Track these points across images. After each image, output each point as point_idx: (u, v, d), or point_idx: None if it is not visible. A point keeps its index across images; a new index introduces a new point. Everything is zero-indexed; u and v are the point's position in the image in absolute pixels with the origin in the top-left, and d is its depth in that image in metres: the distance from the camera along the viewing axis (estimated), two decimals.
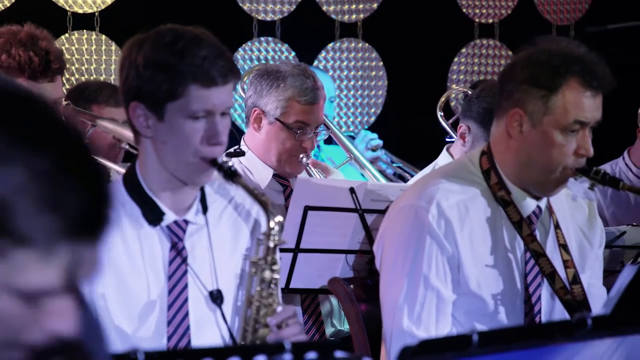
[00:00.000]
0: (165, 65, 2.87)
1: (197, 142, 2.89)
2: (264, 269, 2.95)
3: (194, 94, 2.86)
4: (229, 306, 3.01)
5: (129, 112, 2.94)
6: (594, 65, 3.25)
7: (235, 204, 3.09)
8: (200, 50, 2.87)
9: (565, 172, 3.29)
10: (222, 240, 3.03)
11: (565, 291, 3.32)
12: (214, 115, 2.90)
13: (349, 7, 7.45)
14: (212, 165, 2.92)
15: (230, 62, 2.93)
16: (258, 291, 2.95)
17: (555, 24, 7.93)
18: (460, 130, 5.31)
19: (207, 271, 2.99)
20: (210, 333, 2.98)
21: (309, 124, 4.31)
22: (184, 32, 2.92)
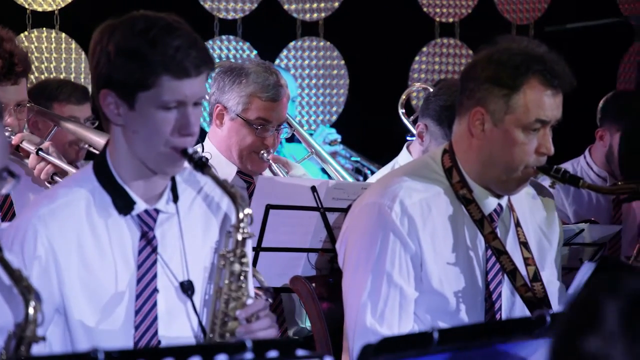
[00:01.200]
0: (137, 54, 2.83)
1: (168, 132, 2.86)
2: (233, 262, 2.92)
3: (166, 84, 2.83)
4: (199, 297, 2.98)
5: (99, 100, 2.90)
6: (554, 64, 3.27)
7: (205, 194, 3.06)
8: (173, 40, 2.83)
9: (526, 170, 3.31)
10: (193, 229, 3.01)
11: (526, 288, 3.34)
12: (185, 105, 2.87)
13: (310, 6, 7.45)
14: (183, 156, 2.89)
15: (203, 51, 2.89)
16: (227, 284, 2.92)
17: (514, 23, 7.99)
18: (418, 129, 5.34)
19: (177, 261, 2.96)
20: (180, 324, 2.95)
21: (270, 121, 4.31)
22: (156, 19, 2.87)
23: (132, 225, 2.94)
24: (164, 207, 2.97)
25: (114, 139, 2.94)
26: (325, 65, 7.59)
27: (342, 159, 6.44)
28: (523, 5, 8.02)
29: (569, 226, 4.58)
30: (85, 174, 2.99)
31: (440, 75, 7.73)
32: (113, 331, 2.90)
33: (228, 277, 2.93)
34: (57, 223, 2.90)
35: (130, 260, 2.93)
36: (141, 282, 2.93)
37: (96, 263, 2.91)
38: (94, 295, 2.90)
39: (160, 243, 2.95)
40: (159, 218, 2.96)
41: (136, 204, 2.93)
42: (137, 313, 2.91)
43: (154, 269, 2.94)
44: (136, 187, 2.94)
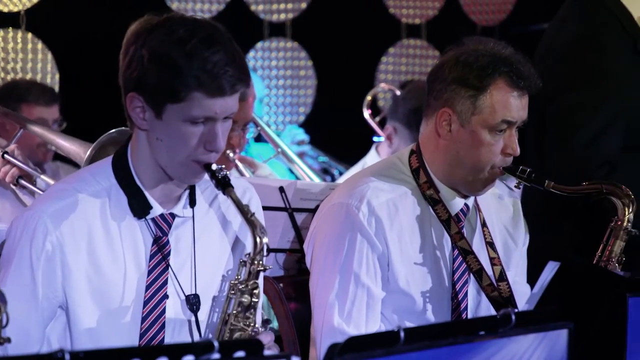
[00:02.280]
0: (173, 64, 2.72)
1: (194, 146, 2.77)
2: (244, 293, 2.83)
3: (197, 101, 2.73)
4: (206, 313, 2.91)
5: (126, 101, 2.81)
6: (520, 65, 3.30)
7: (222, 201, 2.98)
8: (213, 55, 2.71)
9: (493, 171, 3.33)
10: (207, 233, 2.94)
11: (492, 288, 3.36)
12: (215, 121, 2.77)
13: (277, 6, 7.46)
14: (206, 170, 2.81)
15: (241, 69, 2.77)
16: (234, 314, 2.84)
17: (480, 24, 8.03)
18: (387, 132, 5.37)
19: (187, 270, 2.89)
20: (183, 337, 2.89)
21: (236, 121, 4.30)
22: (197, 28, 2.74)
23: (146, 229, 2.87)
24: (180, 212, 2.90)
25: (136, 140, 2.86)
26: (293, 65, 7.61)
27: (310, 159, 6.45)
28: (489, 6, 8.07)
29: None
30: (102, 170, 2.90)
31: (407, 76, 7.76)
32: (116, 335, 2.83)
33: (236, 307, 2.84)
34: (68, 222, 2.82)
35: (142, 264, 2.86)
36: (150, 288, 2.86)
37: (106, 264, 2.84)
38: (101, 296, 2.83)
39: (174, 248, 2.89)
40: (174, 222, 2.90)
41: (152, 209, 2.86)
42: (144, 320, 2.85)
43: (165, 276, 2.87)
44: (154, 191, 2.87)
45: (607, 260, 3.37)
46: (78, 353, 2.06)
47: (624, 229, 3.36)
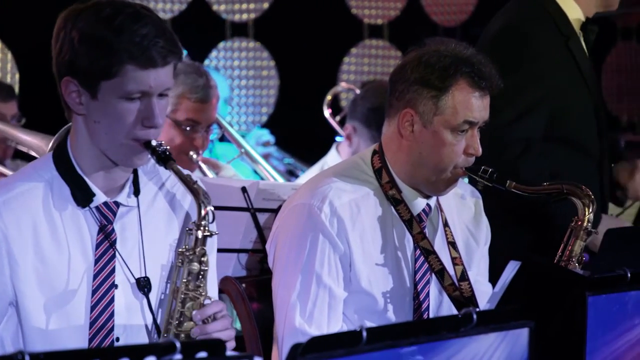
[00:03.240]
0: (102, 41, 2.74)
1: (131, 124, 2.78)
2: (192, 260, 2.83)
3: (131, 74, 2.74)
4: (156, 295, 2.91)
5: (61, 87, 2.81)
6: (481, 66, 3.31)
7: (168, 188, 2.99)
8: (140, 28, 2.74)
9: (455, 171, 3.35)
10: (154, 223, 2.94)
11: (453, 288, 3.38)
12: (150, 96, 2.78)
13: (240, 6, 7.46)
14: (146, 148, 2.81)
15: (171, 41, 2.79)
16: (184, 283, 2.84)
17: (442, 25, 8.07)
18: (347, 132, 5.38)
19: (136, 256, 2.89)
20: (136, 322, 2.89)
21: (199, 122, 4.30)
22: (123, 6, 2.78)
23: (91, 218, 2.86)
24: (124, 200, 2.90)
25: (75, 128, 2.86)
26: (255, 65, 7.61)
27: (275, 160, 6.45)
28: (450, 7, 8.11)
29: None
30: (44, 163, 2.90)
31: (369, 76, 7.79)
32: (67, 327, 2.82)
33: (186, 276, 2.84)
34: (12, 214, 2.81)
35: (89, 253, 2.85)
36: (98, 277, 2.85)
37: (53, 256, 2.83)
38: (50, 289, 2.82)
39: (120, 237, 2.88)
40: (119, 211, 2.89)
41: (95, 196, 2.85)
42: (93, 309, 2.83)
43: (112, 264, 2.86)
44: (96, 178, 2.86)
45: (567, 259, 3.39)
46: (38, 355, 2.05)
47: (584, 229, 3.39)
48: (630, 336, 2.79)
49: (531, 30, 4.00)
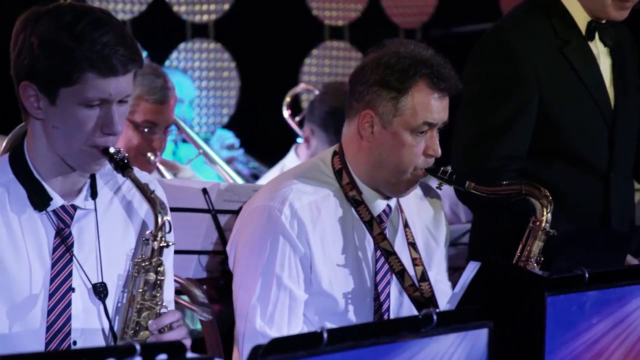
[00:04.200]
0: (62, 48, 2.72)
1: (90, 130, 2.76)
2: (149, 271, 2.84)
3: (91, 82, 2.73)
4: (113, 300, 2.90)
5: (19, 91, 2.79)
6: (441, 67, 3.33)
7: (126, 191, 2.98)
8: (102, 36, 2.72)
9: (415, 172, 3.36)
10: (111, 226, 2.93)
11: (414, 288, 3.39)
12: (110, 103, 2.77)
13: (200, 7, 7.43)
14: (104, 155, 2.80)
15: (132, 49, 2.78)
16: (140, 293, 2.85)
17: (402, 27, 8.10)
18: (305, 134, 5.38)
19: (93, 260, 2.88)
20: (94, 326, 2.87)
21: (157, 124, 4.28)
22: (85, 12, 2.75)
23: (48, 222, 2.85)
24: (82, 203, 2.88)
25: (32, 132, 2.84)
26: (216, 67, 7.59)
27: (240, 164, 6.44)
28: (410, 9, 8.14)
29: (456, 226, 4.66)
30: (0, 166, 2.88)
31: (330, 77, 7.80)
32: (24, 331, 2.80)
33: (142, 286, 2.85)
34: None
35: (46, 257, 2.84)
36: (55, 281, 2.83)
37: (9, 259, 2.80)
38: (7, 292, 2.80)
39: (77, 240, 2.87)
40: (76, 214, 2.87)
41: (52, 200, 2.83)
42: (50, 313, 2.82)
43: (69, 268, 2.85)
44: (54, 182, 2.85)
45: (526, 260, 3.41)
46: None
47: (542, 230, 3.41)
48: (589, 336, 2.81)
49: (512, 38, 3.78)
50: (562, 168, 3.82)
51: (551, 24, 3.84)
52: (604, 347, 2.84)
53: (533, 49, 3.78)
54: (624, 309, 2.88)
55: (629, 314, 2.89)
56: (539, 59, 3.78)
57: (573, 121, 3.81)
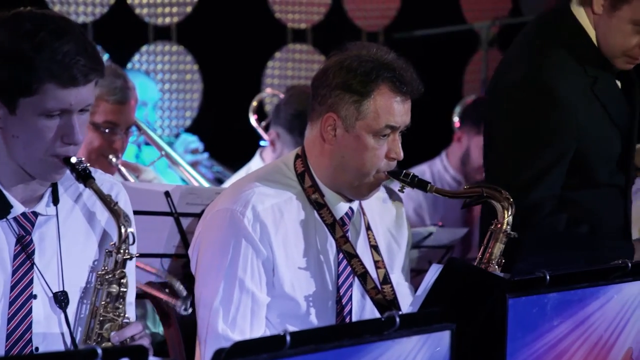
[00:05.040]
0: (22, 58, 2.67)
1: (50, 140, 2.73)
2: (112, 283, 2.82)
3: (51, 92, 2.69)
4: (74, 309, 2.88)
5: None
6: (403, 71, 3.34)
7: (86, 199, 2.95)
8: (62, 45, 2.68)
9: (377, 175, 3.37)
10: (72, 233, 2.90)
11: (376, 291, 3.40)
12: (71, 113, 2.74)
13: (163, 10, 7.41)
14: (66, 165, 2.77)
15: (93, 58, 2.74)
16: (103, 305, 2.83)
17: (365, 30, 8.11)
18: (270, 137, 5.38)
19: (54, 267, 2.85)
20: (56, 332, 2.85)
21: (118, 124, 4.26)
22: (45, 21, 2.71)
23: (8, 229, 2.82)
24: (43, 210, 2.86)
25: None
26: (179, 69, 7.57)
27: (204, 168, 6.42)
28: (373, 12, 8.16)
29: (419, 229, 4.69)
30: None
31: (293, 80, 7.80)
32: None
33: (105, 298, 2.83)
34: None
35: (6, 265, 2.81)
36: (16, 289, 2.80)
37: None
38: None
39: (38, 247, 2.84)
40: (37, 221, 2.85)
41: (13, 208, 2.81)
42: (10, 320, 2.79)
43: (30, 275, 2.82)
44: (14, 190, 2.82)
45: (487, 262, 3.43)
46: None
47: (504, 232, 3.43)
48: (550, 337, 2.83)
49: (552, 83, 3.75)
50: (590, 192, 3.88)
51: (580, 60, 3.83)
52: (565, 349, 2.86)
53: (572, 93, 3.78)
54: (585, 310, 2.90)
55: (590, 315, 2.92)
56: (577, 103, 3.78)
57: (604, 155, 3.87)
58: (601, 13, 3.84)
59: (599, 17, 3.84)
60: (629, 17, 3.80)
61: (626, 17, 3.80)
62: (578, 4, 3.89)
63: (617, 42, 3.83)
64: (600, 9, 3.83)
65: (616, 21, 3.82)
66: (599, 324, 2.93)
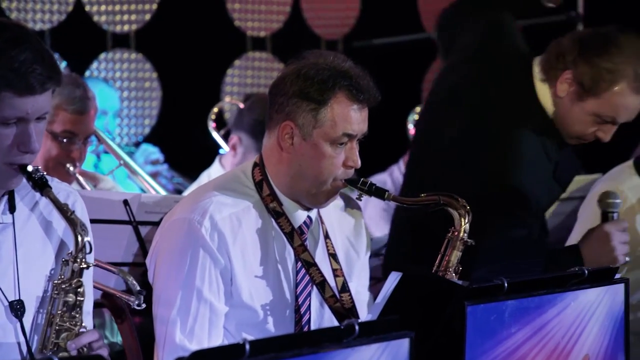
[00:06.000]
0: None
1: (7, 148, 2.72)
2: (68, 292, 2.82)
3: (7, 101, 2.68)
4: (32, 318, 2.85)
5: None
6: (360, 79, 3.34)
7: (42, 207, 2.93)
8: (19, 54, 2.67)
9: (335, 183, 3.37)
10: (28, 241, 2.88)
11: (334, 299, 3.40)
12: (27, 122, 2.73)
13: (121, 17, 7.38)
14: (22, 173, 2.76)
15: (50, 67, 2.73)
16: (59, 314, 2.82)
17: (324, 38, 8.13)
18: (232, 142, 5.38)
19: (10, 275, 2.83)
20: (10, 345, 2.82)
21: (77, 134, 4.24)
22: (2, 29, 2.71)
23: None
24: None
25: None
26: (137, 77, 7.54)
27: (164, 179, 6.40)
28: (332, 20, 8.17)
29: (379, 237, 4.70)
30: None
31: (252, 88, 7.80)
32: None
33: (61, 307, 2.82)
34: None
35: None
36: None
37: None
38: None
39: None
40: None
41: None
42: None
43: None
44: None
45: (444, 270, 3.44)
46: None
47: (461, 239, 3.44)
48: (508, 344, 2.84)
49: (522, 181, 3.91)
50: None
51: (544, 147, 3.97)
52: (523, 355, 2.88)
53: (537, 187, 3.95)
54: (542, 317, 2.92)
55: (547, 322, 2.94)
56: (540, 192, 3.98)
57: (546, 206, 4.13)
58: (563, 97, 3.89)
59: (560, 100, 3.90)
60: (593, 110, 3.88)
61: (590, 109, 3.88)
62: (541, 81, 3.94)
63: (574, 128, 3.93)
64: (564, 94, 3.89)
65: (578, 110, 3.90)
66: (556, 331, 2.95)
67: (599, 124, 3.87)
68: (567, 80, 3.86)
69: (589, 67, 3.82)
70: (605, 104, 3.82)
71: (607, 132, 3.89)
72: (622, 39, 3.82)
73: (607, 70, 3.80)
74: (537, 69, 3.95)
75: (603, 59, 3.81)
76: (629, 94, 3.82)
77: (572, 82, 3.85)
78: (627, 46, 3.80)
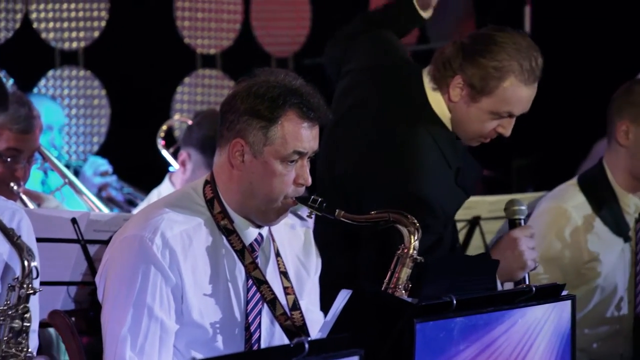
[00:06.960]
0: None
1: None
2: (14, 318, 2.79)
3: None
4: None
5: None
6: (310, 97, 3.35)
7: None
8: None
9: (286, 201, 3.37)
10: None
11: (285, 317, 3.40)
12: None
13: (70, 35, 7.34)
14: None
15: None
16: (5, 340, 2.79)
17: (274, 55, 8.14)
18: (181, 158, 5.36)
19: None
20: None
21: (21, 152, 4.20)
22: None
23: None
24: None
25: None
26: (86, 94, 7.50)
27: (114, 190, 6.36)
28: (283, 38, 8.19)
29: None
30: None
31: (202, 105, 7.78)
32: None
33: (7, 334, 2.79)
34: None
35: None
36: None
37: None
38: None
39: None
40: None
41: None
42: None
43: None
44: None
45: (394, 287, 3.45)
46: None
47: (410, 257, 3.46)
48: None
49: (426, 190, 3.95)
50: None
51: (445, 154, 4.02)
52: None
53: (441, 196, 3.99)
54: (491, 334, 2.94)
55: (495, 339, 2.96)
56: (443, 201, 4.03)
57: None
58: (457, 101, 3.97)
59: (455, 104, 3.98)
60: (488, 108, 3.97)
61: (486, 108, 3.97)
62: (433, 89, 4.02)
63: (474, 128, 4.02)
64: (458, 98, 3.97)
65: (475, 110, 3.99)
66: (504, 348, 2.97)
67: (497, 119, 3.97)
68: (458, 85, 3.96)
69: (476, 69, 3.93)
70: (499, 100, 3.94)
71: (507, 126, 4.00)
72: (501, 36, 3.94)
73: (493, 68, 3.91)
74: (426, 79, 4.04)
75: (487, 59, 3.92)
76: (519, 86, 3.93)
77: (464, 85, 3.95)
78: (507, 42, 3.93)
